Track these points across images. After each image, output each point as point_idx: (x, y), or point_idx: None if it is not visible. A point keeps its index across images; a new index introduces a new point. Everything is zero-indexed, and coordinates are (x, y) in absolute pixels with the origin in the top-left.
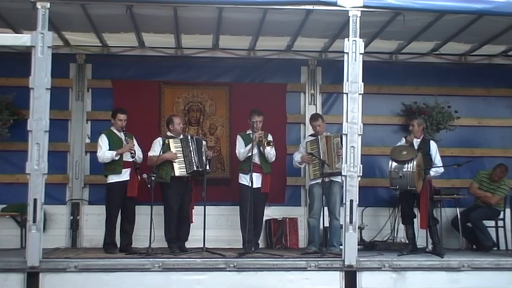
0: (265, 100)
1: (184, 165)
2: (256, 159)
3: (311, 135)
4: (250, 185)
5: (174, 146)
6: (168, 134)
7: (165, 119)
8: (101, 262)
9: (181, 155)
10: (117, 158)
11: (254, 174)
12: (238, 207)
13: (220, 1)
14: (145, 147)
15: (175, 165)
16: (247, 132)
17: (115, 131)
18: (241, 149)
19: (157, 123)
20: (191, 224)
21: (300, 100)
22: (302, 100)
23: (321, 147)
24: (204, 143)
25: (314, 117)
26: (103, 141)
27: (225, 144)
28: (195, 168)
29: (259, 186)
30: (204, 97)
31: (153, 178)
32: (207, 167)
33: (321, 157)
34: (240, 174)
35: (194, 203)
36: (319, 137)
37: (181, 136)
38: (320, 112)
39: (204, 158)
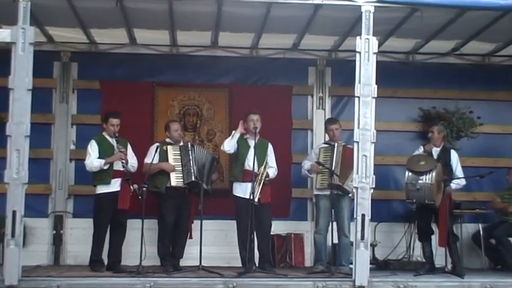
0: (269, 104)
1: (181, 174)
2: (251, 165)
3: (326, 142)
4: (248, 196)
5: (173, 153)
6: (167, 140)
7: (159, 124)
8: (87, 281)
9: (180, 163)
10: (105, 168)
11: (250, 184)
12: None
13: None
14: (137, 155)
15: (172, 174)
16: (245, 137)
17: (107, 137)
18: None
19: (150, 128)
20: (189, 240)
21: (307, 104)
22: (309, 104)
23: (335, 156)
24: (215, 163)
25: (331, 120)
26: (92, 148)
27: (224, 152)
28: (193, 179)
29: (258, 196)
30: (201, 100)
31: (144, 189)
32: (209, 186)
33: (333, 167)
34: (234, 184)
35: (193, 217)
36: (335, 144)
37: (182, 143)
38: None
39: (210, 176)
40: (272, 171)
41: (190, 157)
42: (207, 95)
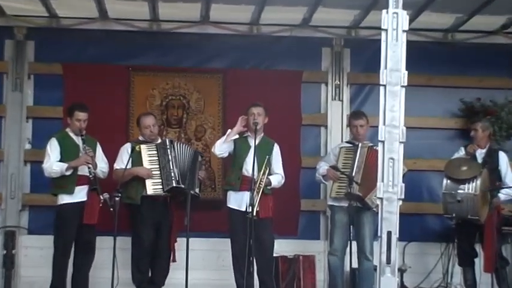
0: (273, 94)
1: (160, 180)
2: (250, 169)
3: (349, 141)
4: (244, 208)
5: (148, 154)
6: (140, 138)
7: (135, 118)
8: None
9: (157, 166)
10: (68, 173)
11: (248, 194)
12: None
13: None
14: (109, 157)
15: (148, 181)
16: (245, 135)
17: (71, 135)
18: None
19: (125, 124)
20: (172, 264)
21: (320, 94)
22: (323, 94)
23: (356, 159)
24: (200, 158)
25: (357, 115)
26: (52, 148)
27: (215, 155)
28: (174, 185)
29: (257, 209)
30: (188, 89)
31: (117, 199)
32: (197, 191)
33: (353, 172)
34: (229, 194)
35: (176, 234)
36: (359, 144)
37: (159, 140)
38: (348, 110)
39: (196, 177)
40: (277, 178)
41: (170, 157)
42: (196, 82)
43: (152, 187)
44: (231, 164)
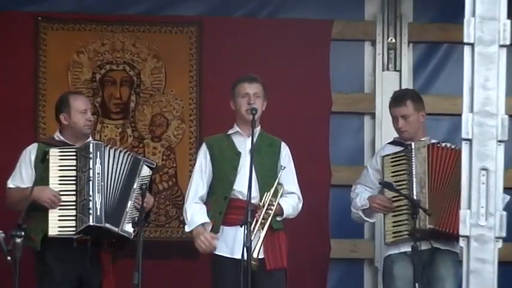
0: (281, 59)
1: (74, 212)
2: (244, 189)
3: (393, 143)
4: (239, 255)
5: (60, 166)
6: (57, 136)
7: (49, 101)
8: None
9: (73, 188)
10: None
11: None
12: None
13: None
14: (4, 167)
15: (52, 214)
16: (228, 133)
17: None
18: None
19: (31, 111)
20: None
21: (362, 59)
22: (367, 59)
23: (414, 170)
24: (146, 170)
25: (396, 99)
26: None
27: (186, 161)
28: (90, 223)
29: (261, 256)
30: (139, 52)
31: (18, 241)
32: (128, 228)
33: (413, 193)
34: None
35: None
36: (412, 145)
37: (91, 141)
38: (410, 86)
39: (126, 205)
40: (291, 201)
41: (91, 173)
42: (152, 40)
43: (58, 224)
44: (213, 186)
